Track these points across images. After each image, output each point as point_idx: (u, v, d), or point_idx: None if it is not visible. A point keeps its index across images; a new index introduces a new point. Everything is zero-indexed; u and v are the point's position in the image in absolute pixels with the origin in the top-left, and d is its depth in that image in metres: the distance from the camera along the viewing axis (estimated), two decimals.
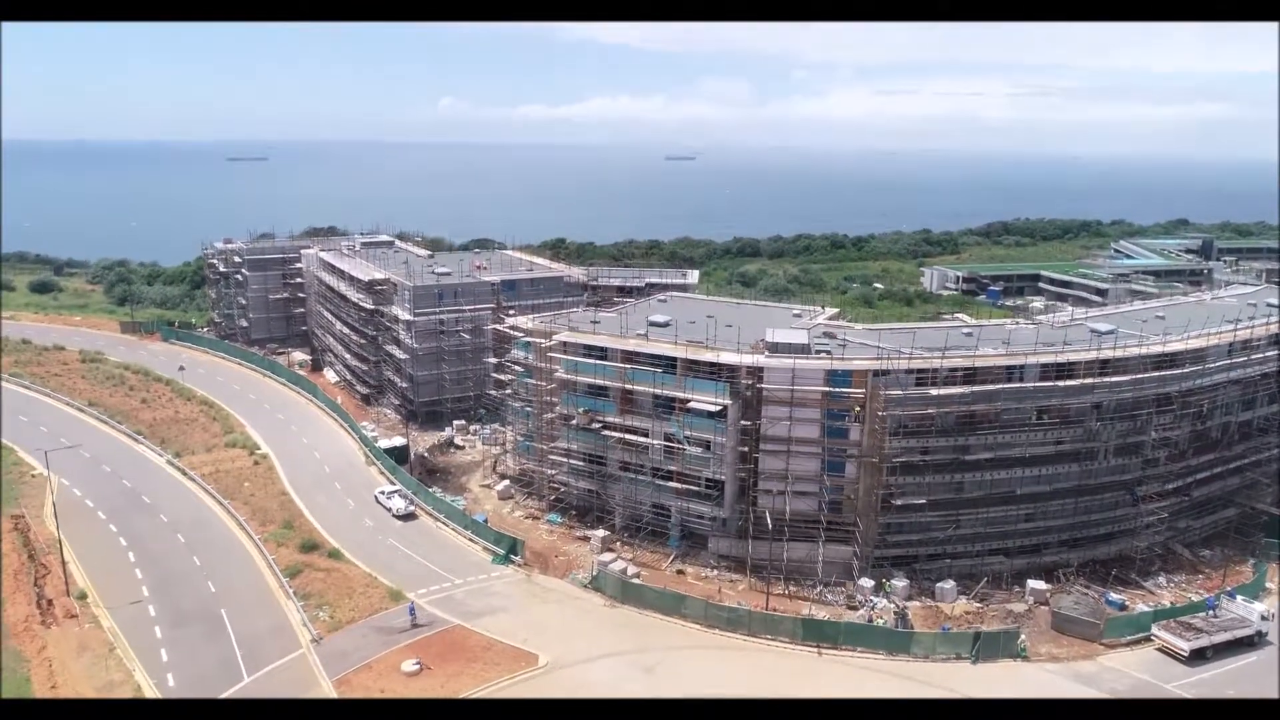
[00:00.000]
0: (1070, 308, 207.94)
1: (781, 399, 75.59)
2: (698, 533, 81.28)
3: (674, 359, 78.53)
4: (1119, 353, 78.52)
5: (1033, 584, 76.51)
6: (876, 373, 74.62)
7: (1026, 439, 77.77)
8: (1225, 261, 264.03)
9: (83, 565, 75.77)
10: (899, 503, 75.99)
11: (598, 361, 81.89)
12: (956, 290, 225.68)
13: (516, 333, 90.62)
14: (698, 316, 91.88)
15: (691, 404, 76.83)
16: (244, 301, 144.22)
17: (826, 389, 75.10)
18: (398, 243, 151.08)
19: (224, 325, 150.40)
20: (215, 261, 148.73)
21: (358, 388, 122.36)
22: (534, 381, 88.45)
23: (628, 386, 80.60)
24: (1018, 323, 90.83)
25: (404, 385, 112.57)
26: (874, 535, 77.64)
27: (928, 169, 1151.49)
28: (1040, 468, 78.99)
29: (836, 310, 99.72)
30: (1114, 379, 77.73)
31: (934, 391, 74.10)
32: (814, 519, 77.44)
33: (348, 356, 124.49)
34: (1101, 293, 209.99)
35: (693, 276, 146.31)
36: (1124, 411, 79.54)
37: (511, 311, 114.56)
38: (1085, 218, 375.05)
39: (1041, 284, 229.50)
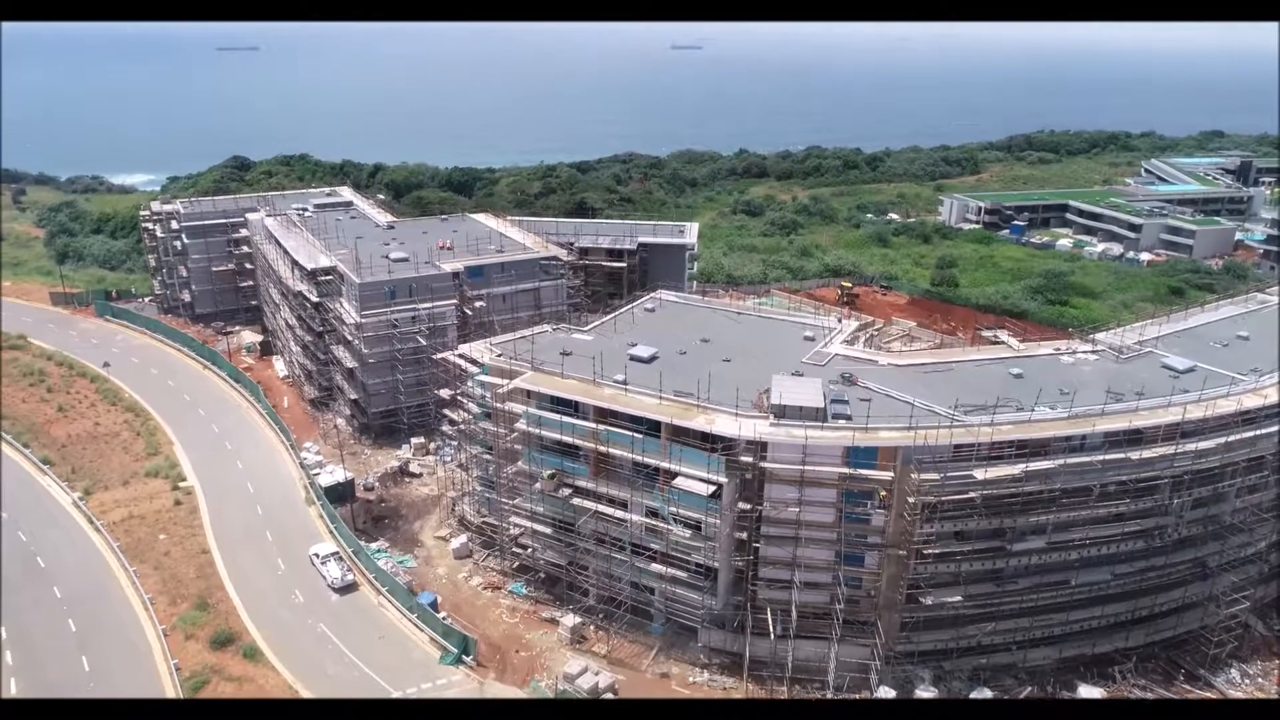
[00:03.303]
0: (1099, 242, 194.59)
1: (789, 478, 61.41)
2: (686, 623, 68.09)
3: (658, 421, 63.93)
4: (1207, 411, 63.68)
5: (1085, 691, 63.90)
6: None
7: (1087, 516, 63.95)
8: (1265, 184, 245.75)
9: None
10: (929, 600, 62.74)
11: (565, 419, 67.06)
12: (978, 223, 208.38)
13: (470, 365, 75.36)
14: (689, 341, 76.87)
15: (679, 479, 62.63)
16: (185, 273, 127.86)
17: (845, 470, 60.78)
18: (356, 202, 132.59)
19: (166, 297, 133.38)
20: (151, 226, 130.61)
21: (307, 388, 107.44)
22: (492, 428, 73.92)
23: (602, 449, 66.25)
24: (1075, 353, 75.45)
25: (354, 396, 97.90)
26: (895, 632, 64.67)
27: (943, 58, 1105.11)
28: (1099, 548, 65.46)
29: (856, 325, 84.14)
30: (1199, 445, 63.23)
31: (979, 475, 59.77)
32: (825, 613, 64.30)
33: (296, 350, 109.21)
34: (1135, 228, 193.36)
35: (691, 233, 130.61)
36: (1205, 481, 65.50)
37: (479, 303, 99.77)
38: (1112, 127, 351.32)
39: (1069, 214, 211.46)
